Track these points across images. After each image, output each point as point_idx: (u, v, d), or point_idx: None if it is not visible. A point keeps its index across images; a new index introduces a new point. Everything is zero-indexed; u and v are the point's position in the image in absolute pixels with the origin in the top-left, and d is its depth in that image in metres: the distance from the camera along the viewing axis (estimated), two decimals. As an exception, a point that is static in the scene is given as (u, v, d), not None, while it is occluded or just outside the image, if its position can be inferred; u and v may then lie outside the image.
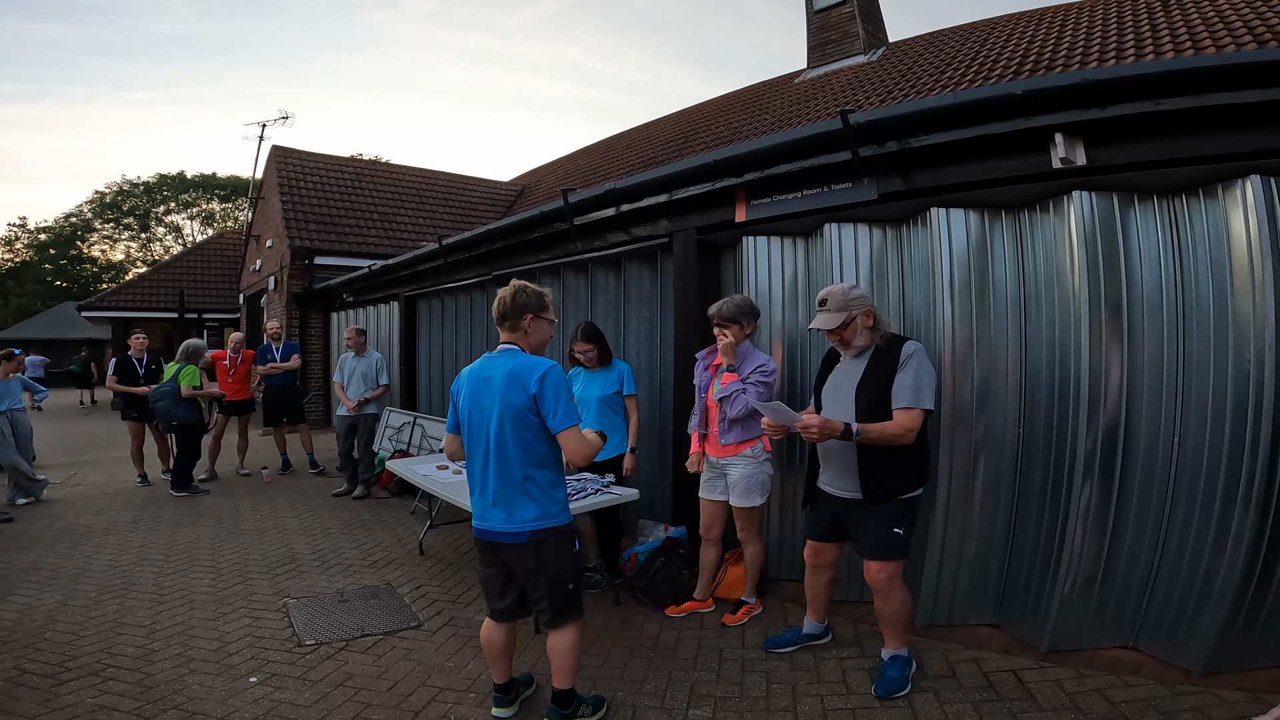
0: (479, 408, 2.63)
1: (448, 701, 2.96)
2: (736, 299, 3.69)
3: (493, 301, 2.78)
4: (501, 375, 2.60)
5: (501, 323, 2.72)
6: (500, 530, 2.61)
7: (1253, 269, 2.74)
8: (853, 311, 2.99)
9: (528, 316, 2.71)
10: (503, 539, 2.61)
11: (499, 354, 2.69)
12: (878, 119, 3.41)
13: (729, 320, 3.63)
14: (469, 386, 2.69)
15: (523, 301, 2.71)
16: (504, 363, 2.63)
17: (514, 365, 2.61)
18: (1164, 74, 2.73)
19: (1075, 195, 3.09)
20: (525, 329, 2.72)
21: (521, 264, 6.29)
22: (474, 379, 2.68)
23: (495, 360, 2.67)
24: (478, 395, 2.64)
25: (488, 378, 2.64)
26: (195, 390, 7.00)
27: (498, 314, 2.72)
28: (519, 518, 2.59)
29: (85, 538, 5.46)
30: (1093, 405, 3.06)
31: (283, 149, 14.78)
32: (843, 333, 3.03)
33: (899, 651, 3.04)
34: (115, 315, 18.22)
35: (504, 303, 2.70)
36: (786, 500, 4.18)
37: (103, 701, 2.96)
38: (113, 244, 39.69)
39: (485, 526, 2.65)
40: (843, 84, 10.61)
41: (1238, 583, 2.79)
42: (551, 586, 2.63)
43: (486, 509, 2.64)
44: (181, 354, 7.11)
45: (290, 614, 3.91)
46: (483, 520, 2.66)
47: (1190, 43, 6.31)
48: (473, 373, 2.71)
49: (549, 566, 2.62)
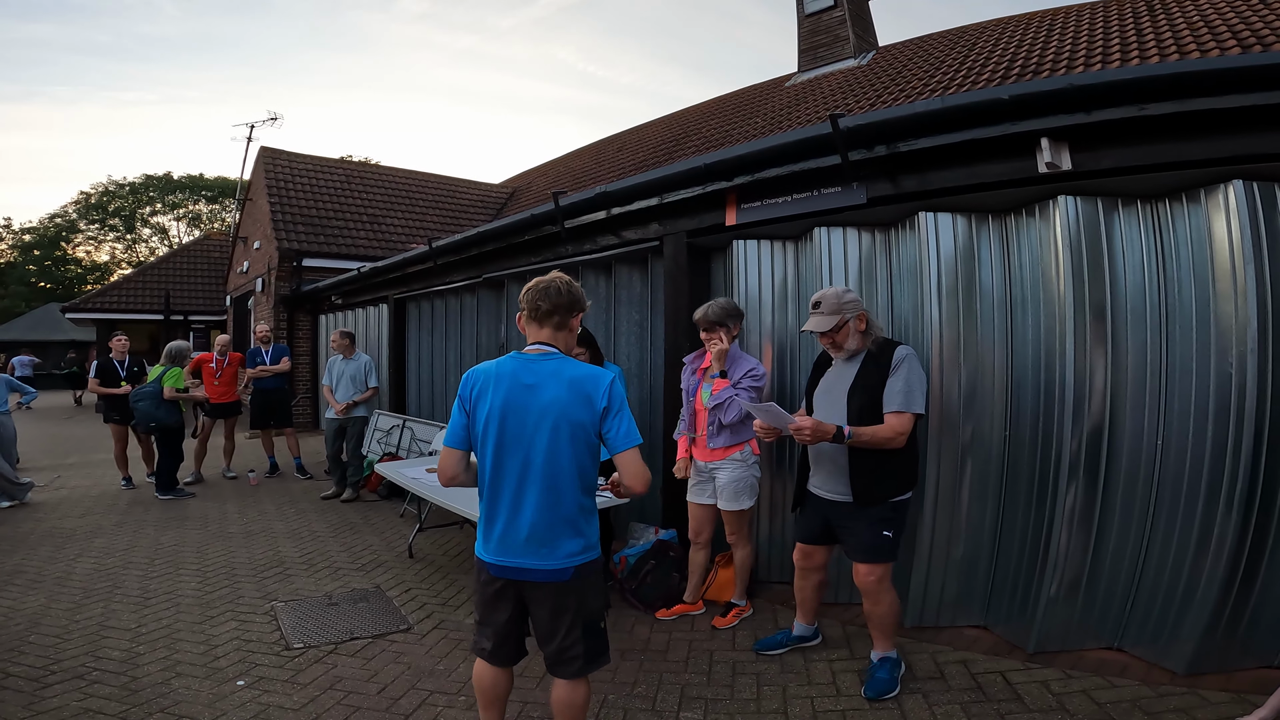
0: (518, 420, 2.14)
1: (438, 705, 2.95)
2: (721, 302, 3.71)
3: (482, 304, 2.56)
4: (559, 384, 2.15)
5: (548, 318, 2.23)
6: (536, 568, 2.14)
7: (1235, 273, 2.78)
8: (845, 315, 3.01)
9: (578, 314, 2.30)
10: (538, 577, 2.15)
11: (541, 357, 2.21)
12: (867, 123, 3.44)
13: (716, 324, 3.64)
14: (500, 393, 2.16)
15: (578, 295, 2.28)
16: (555, 368, 2.18)
17: (575, 373, 2.18)
18: (1148, 79, 2.77)
19: (1061, 200, 3.13)
20: (572, 328, 2.30)
21: (512, 267, 6.29)
22: (509, 384, 2.17)
23: (538, 364, 2.19)
24: (517, 405, 2.15)
25: (531, 385, 2.15)
26: (179, 393, 6.94)
27: (547, 306, 2.22)
28: (564, 552, 2.15)
29: (69, 541, 5.40)
30: (1077, 408, 3.09)
31: (271, 150, 14.72)
32: (835, 335, 3.05)
33: (888, 653, 3.06)
34: (100, 317, 18.05)
35: (558, 292, 2.23)
36: (776, 503, 4.20)
37: (88, 705, 2.93)
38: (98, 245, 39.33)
39: (513, 563, 2.16)
40: (833, 88, 10.67)
41: (1220, 584, 2.83)
42: (588, 628, 2.22)
43: (516, 543, 2.15)
44: (166, 355, 7.05)
45: (278, 617, 3.88)
46: (508, 556, 2.16)
47: (1175, 47, 6.39)
48: (502, 376, 2.19)
49: (588, 605, 2.22)
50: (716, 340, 3.64)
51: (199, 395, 7.69)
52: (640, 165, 11.99)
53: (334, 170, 15.27)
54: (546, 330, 2.25)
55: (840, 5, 12.03)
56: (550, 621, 2.20)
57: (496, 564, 2.18)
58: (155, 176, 39.35)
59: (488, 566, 2.21)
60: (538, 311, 2.24)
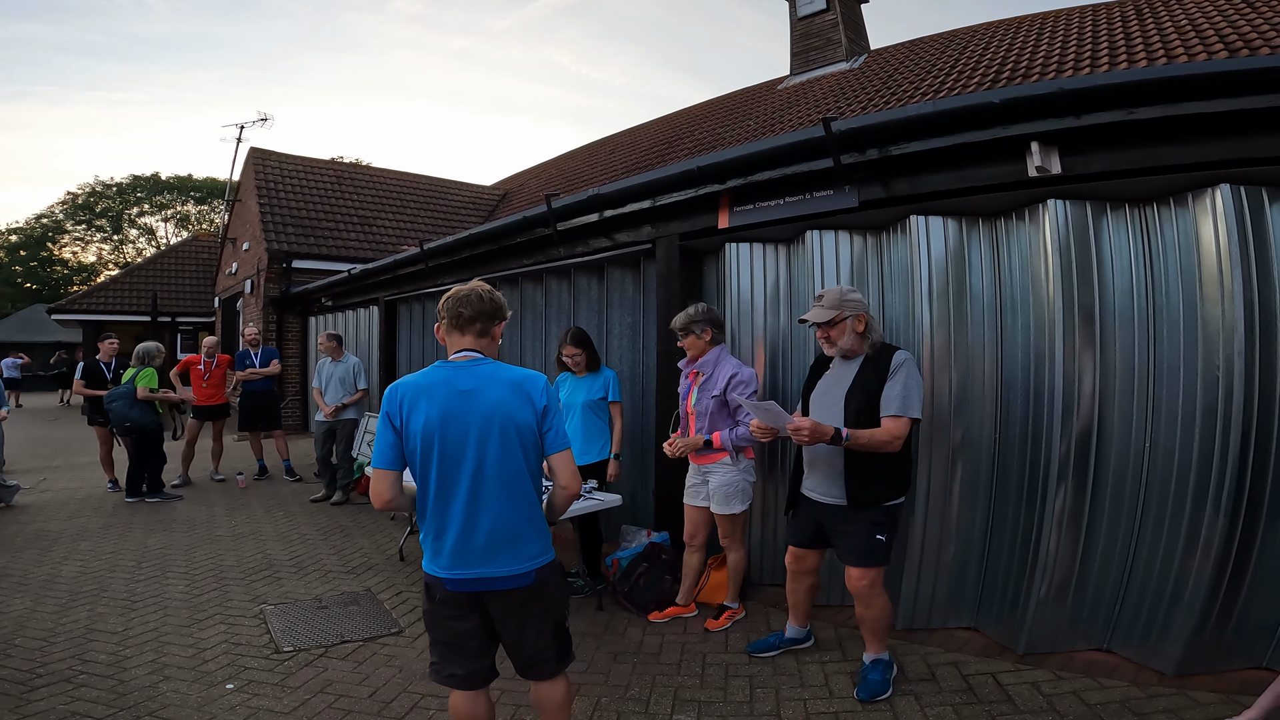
0: (461, 428, 2.07)
1: (430, 708, 2.94)
2: (688, 309, 3.79)
3: None
4: (499, 386, 2.11)
5: (470, 325, 2.19)
6: (498, 576, 2.08)
7: (1222, 277, 2.81)
8: (844, 312, 3.02)
9: (501, 322, 2.28)
10: (501, 585, 2.09)
11: (471, 363, 2.16)
12: (859, 126, 3.46)
13: (680, 331, 3.76)
14: (436, 403, 2.09)
15: (499, 303, 2.26)
16: (491, 371, 2.15)
17: (513, 375, 2.15)
18: (1137, 83, 2.79)
19: (1050, 204, 3.15)
20: (495, 336, 2.27)
21: (504, 269, 6.27)
22: (443, 392, 2.10)
23: (469, 370, 2.14)
24: (456, 413, 2.08)
25: (469, 390, 2.09)
26: (153, 393, 6.83)
27: (469, 313, 2.18)
28: (524, 555, 2.11)
29: (55, 543, 5.35)
30: (1066, 411, 3.11)
31: (261, 151, 14.63)
32: (830, 330, 3.06)
33: (880, 655, 3.06)
34: (86, 318, 17.91)
35: (478, 300, 2.20)
36: (768, 506, 4.20)
37: (75, 708, 2.90)
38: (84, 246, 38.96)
39: (473, 574, 2.08)
40: (825, 91, 10.73)
41: (1208, 586, 2.85)
42: (557, 629, 2.22)
43: (474, 554, 2.08)
44: (135, 357, 6.95)
45: (267, 620, 3.86)
46: (466, 568, 2.08)
47: (1163, 51, 6.46)
48: (433, 386, 2.11)
49: (553, 606, 2.21)
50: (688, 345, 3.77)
51: (174, 396, 7.51)
52: (632, 167, 12.00)
53: (324, 171, 15.20)
54: (469, 338, 2.21)
55: (832, 8, 12.10)
56: (519, 629, 2.16)
57: (454, 578, 2.09)
58: (143, 177, 39.04)
59: (444, 583, 2.11)
60: (459, 319, 2.19)
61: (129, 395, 6.73)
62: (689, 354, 3.78)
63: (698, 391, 3.74)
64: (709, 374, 3.70)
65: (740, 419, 3.62)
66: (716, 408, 3.65)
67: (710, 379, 3.69)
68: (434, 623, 2.20)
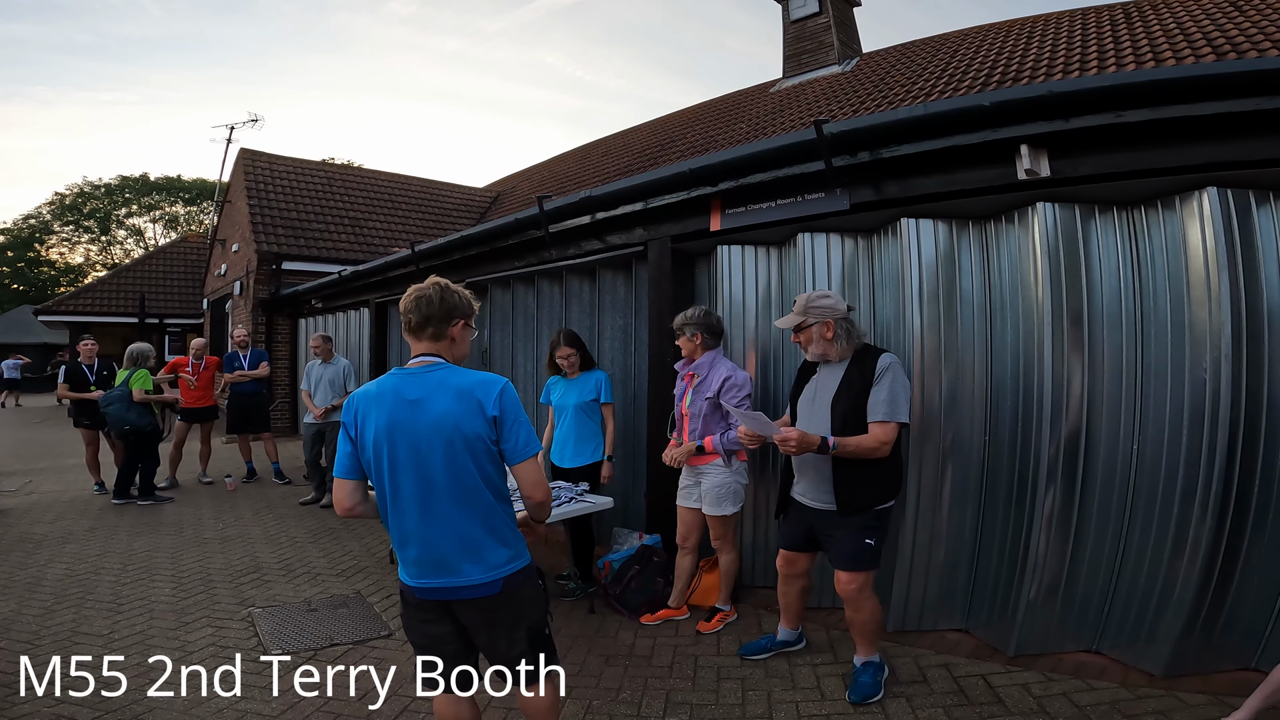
0: (409, 438, 2.01)
1: (421, 711, 2.92)
2: (687, 310, 3.83)
3: None
4: (446, 395, 2.02)
5: (420, 329, 2.12)
6: (463, 585, 2.04)
7: (1209, 280, 2.83)
8: (808, 319, 3.04)
9: (458, 322, 2.16)
10: (465, 594, 2.05)
11: (424, 369, 2.08)
12: (850, 129, 3.46)
13: (675, 330, 3.81)
14: (384, 412, 2.04)
15: (453, 303, 2.15)
16: (441, 379, 2.05)
17: (462, 382, 2.05)
18: (1126, 86, 2.80)
19: (1039, 206, 3.16)
20: (454, 337, 2.16)
21: (495, 271, 6.26)
22: (391, 401, 2.05)
23: (421, 376, 2.07)
24: (403, 423, 2.02)
25: (416, 400, 2.03)
26: (148, 395, 6.81)
27: (417, 317, 2.11)
28: (490, 562, 2.05)
29: (40, 546, 5.29)
30: (1055, 413, 3.12)
31: (251, 152, 14.54)
32: (798, 335, 3.11)
33: (871, 658, 3.06)
34: (73, 320, 17.74)
35: (427, 303, 2.11)
36: (759, 508, 4.20)
37: (60, 711, 2.88)
38: (72, 247, 38.61)
39: (437, 584, 2.05)
40: (817, 94, 10.76)
41: (1196, 587, 2.86)
42: (533, 635, 2.14)
43: (434, 564, 2.04)
44: (128, 359, 6.92)
45: (255, 624, 3.83)
46: (429, 578, 2.06)
47: (1152, 55, 6.51)
48: (383, 395, 2.06)
49: (527, 613, 2.13)
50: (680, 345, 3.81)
51: (170, 398, 7.53)
52: (625, 170, 12.00)
53: (315, 172, 15.12)
54: (425, 342, 2.14)
55: (825, 12, 12.15)
56: (489, 637, 2.12)
57: (421, 587, 2.07)
58: (132, 178, 38.73)
59: (414, 591, 2.09)
60: (409, 324, 2.14)
61: (125, 398, 6.68)
62: (683, 354, 3.81)
63: (692, 393, 3.75)
64: (704, 376, 3.72)
65: (732, 421, 3.62)
66: (710, 409, 3.67)
67: (705, 381, 3.70)
68: (410, 628, 2.18)
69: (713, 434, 3.67)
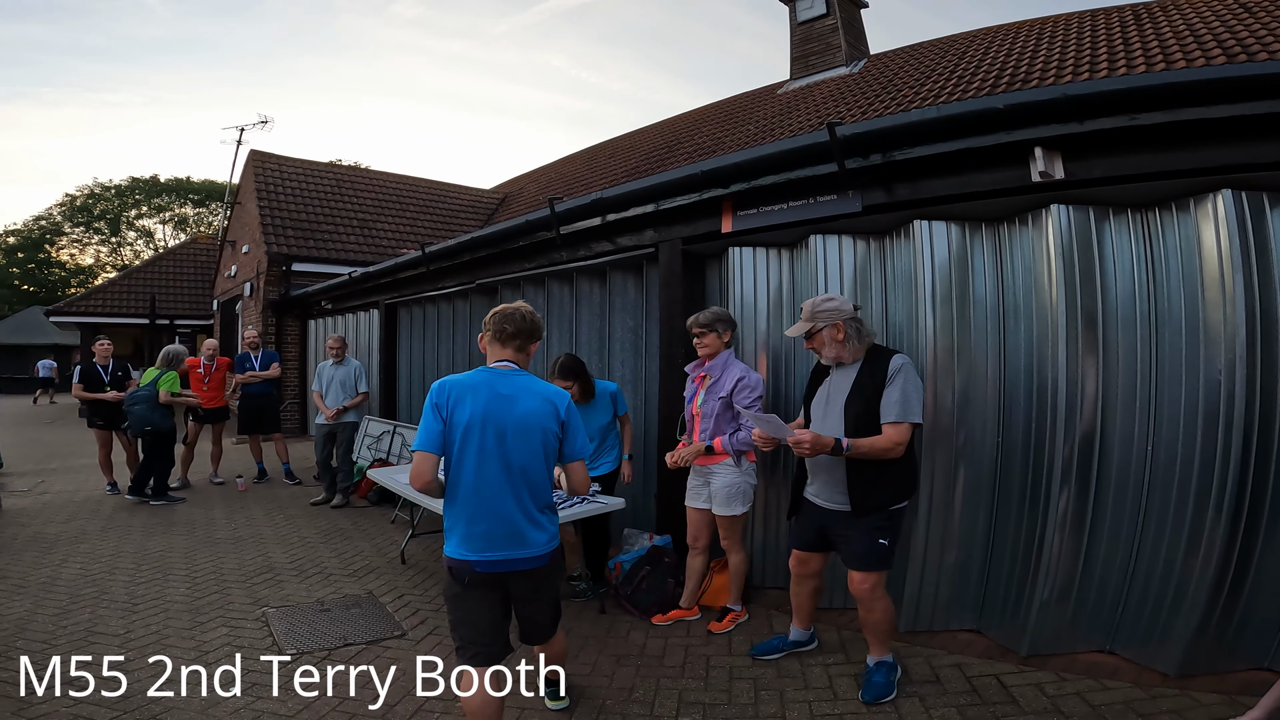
0: (499, 427, 2.34)
1: (435, 711, 2.94)
2: (711, 308, 3.83)
3: (475, 310, 2.69)
4: (533, 397, 2.41)
5: (511, 340, 2.48)
6: (519, 558, 2.38)
7: (1223, 281, 2.83)
8: (817, 324, 3.05)
9: (536, 342, 2.57)
10: (524, 565, 2.40)
11: (510, 373, 2.45)
12: (864, 132, 3.47)
13: (703, 327, 3.74)
14: (480, 401, 2.35)
15: (537, 325, 2.55)
16: (525, 383, 2.44)
17: (542, 389, 2.46)
18: (1140, 89, 2.81)
19: (1053, 209, 3.16)
20: (530, 352, 2.55)
21: (505, 273, 6.28)
22: (486, 394, 2.37)
23: (509, 379, 2.42)
24: (496, 413, 2.35)
25: (508, 395, 2.38)
26: (174, 397, 6.87)
27: (512, 329, 2.47)
28: (537, 541, 2.41)
29: (54, 546, 5.33)
30: (1069, 415, 3.12)
31: (261, 153, 14.63)
32: (810, 341, 3.13)
33: (884, 658, 3.07)
34: (83, 321, 17.82)
35: (524, 319, 2.50)
36: (771, 508, 4.21)
37: (78, 711, 2.90)
38: (82, 248, 38.85)
39: (502, 557, 2.36)
40: (825, 95, 10.76)
41: (1210, 587, 2.86)
42: (555, 602, 2.64)
43: (502, 539, 2.36)
44: (162, 359, 6.98)
45: (270, 623, 3.85)
46: (495, 551, 2.35)
47: (1162, 57, 6.50)
48: (477, 386, 2.38)
49: (555, 585, 2.62)
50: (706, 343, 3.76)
51: (194, 400, 7.58)
52: (632, 172, 12.02)
53: (324, 174, 15.19)
54: (509, 351, 2.49)
55: (832, 13, 12.15)
56: (532, 603, 2.52)
57: (484, 560, 2.35)
58: (141, 179, 38.96)
59: (473, 564, 2.35)
60: (503, 334, 2.48)
61: (151, 399, 6.72)
62: (701, 354, 3.78)
63: (705, 394, 3.77)
64: (716, 377, 3.73)
65: (743, 423, 3.64)
66: (722, 409, 3.68)
67: (718, 382, 3.71)
68: (460, 605, 2.43)
69: (723, 434, 3.68)
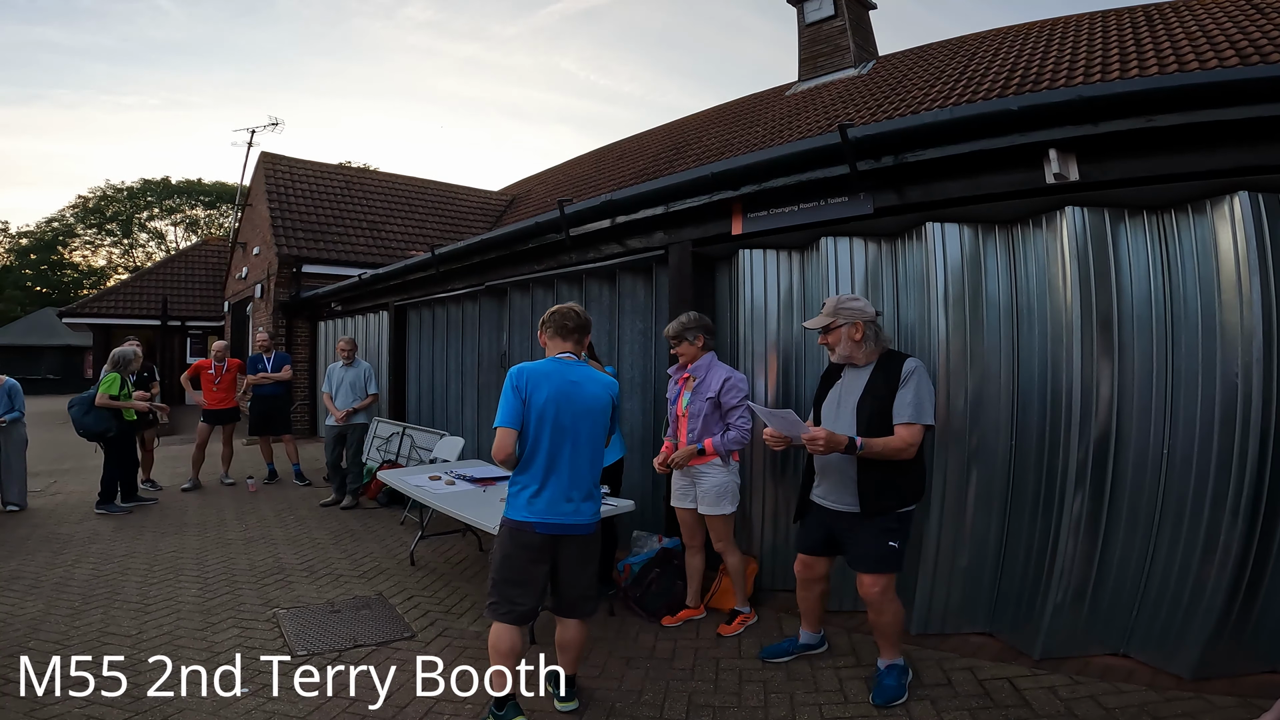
0: (570, 410, 2.75)
1: (444, 713, 2.94)
2: (679, 318, 3.87)
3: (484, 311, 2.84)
4: (595, 384, 2.84)
5: (571, 334, 2.90)
6: (575, 523, 2.75)
7: (1240, 284, 2.81)
8: (838, 320, 3.06)
9: (588, 335, 3.00)
10: (579, 530, 2.77)
11: (576, 363, 2.87)
12: (875, 134, 3.46)
13: (673, 338, 3.84)
14: (554, 388, 2.75)
15: (589, 321, 2.99)
16: (588, 372, 2.86)
17: (600, 377, 2.89)
18: (1156, 90, 2.79)
19: (1068, 211, 3.15)
20: (585, 345, 2.96)
21: (514, 275, 6.29)
22: (560, 381, 2.77)
23: (575, 368, 2.84)
24: (567, 398, 2.75)
25: (576, 382, 2.79)
26: (113, 400, 6.50)
27: (572, 325, 2.90)
28: (589, 510, 2.81)
29: (67, 546, 5.37)
30: (1084, 417, 3.10)
31: (272, 155, 14.71)
32: (827, 336, 3.13)
33: (895, 660, 3.06)
34: (96, 322, 18.00)
35: (580, 316, 2.93)
36: (778, 511, 4.20)
37: (90, 712, 2.91)
38: (95, 250, 39.17)
39: (560, 520, 2.72)
40: (833, 97, 10.74)
41: (1226, 591, 2.84)
42: (596, 575, 2.92)
43: (561, 503, 2.73)
44: (110, 362, 6.74)
45: (280, 624, 3.86)
46: (557, 516, 2.72)
47: (1174, 58, 6.45)
48: (550, 374, 2.78)
49: (599, 553, 2.94)
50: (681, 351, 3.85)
51: (140, 405, 6.99)
52: (641, 174, 12.02)
53: (334, 176, 15.26)
54: (569, 344, 2.91)
55: (841, 15, 12.12)
56: (579, 568, 2.83)
57: (546, 523, 2.71)
58: (153, 181, 39.27)
59: (535, 526, 2.70)
60: (564, 329, 2.91)
61: (85, 401, 6.48)
62: (681, 360, 3.86)
63: (690, 395, 3.80)
64: (701, 378, 3.77)
65: (731, 422, 3.68)
66: (710, 410, 3.71)
67: (703, 383, 3.75)
68: (512, 564, 2.74)
69: (712, 435, 3.69)
